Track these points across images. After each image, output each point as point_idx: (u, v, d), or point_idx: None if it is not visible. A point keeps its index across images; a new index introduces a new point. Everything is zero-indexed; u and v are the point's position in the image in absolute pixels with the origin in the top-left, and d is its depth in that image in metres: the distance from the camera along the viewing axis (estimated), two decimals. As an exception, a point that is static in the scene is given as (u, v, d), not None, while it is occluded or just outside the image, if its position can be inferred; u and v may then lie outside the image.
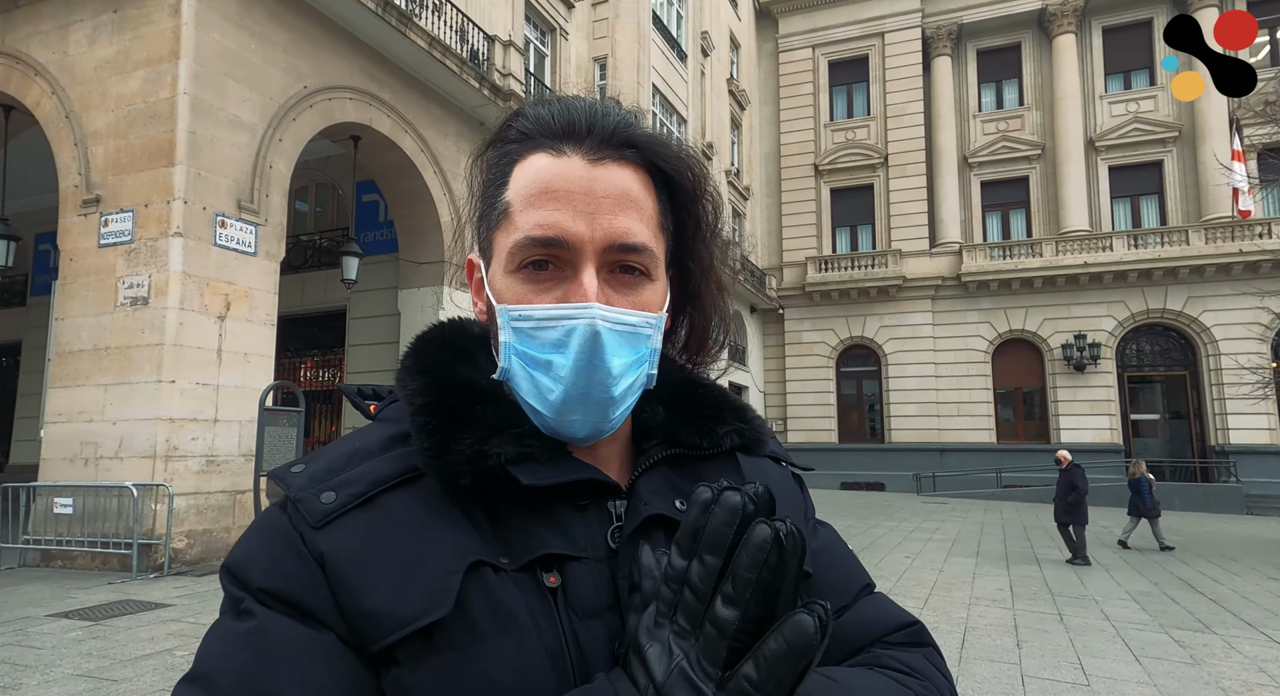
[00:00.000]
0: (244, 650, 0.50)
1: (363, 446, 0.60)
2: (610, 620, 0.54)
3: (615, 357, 0.56)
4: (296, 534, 0.54)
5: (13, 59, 8.81)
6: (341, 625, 0.51)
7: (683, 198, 0.63)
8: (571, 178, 0.57)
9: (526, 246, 0.56)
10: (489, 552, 0.54)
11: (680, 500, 0.61)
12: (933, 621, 6.00)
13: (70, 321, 8.01)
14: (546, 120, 0.60)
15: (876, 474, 24.27)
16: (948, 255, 24.61)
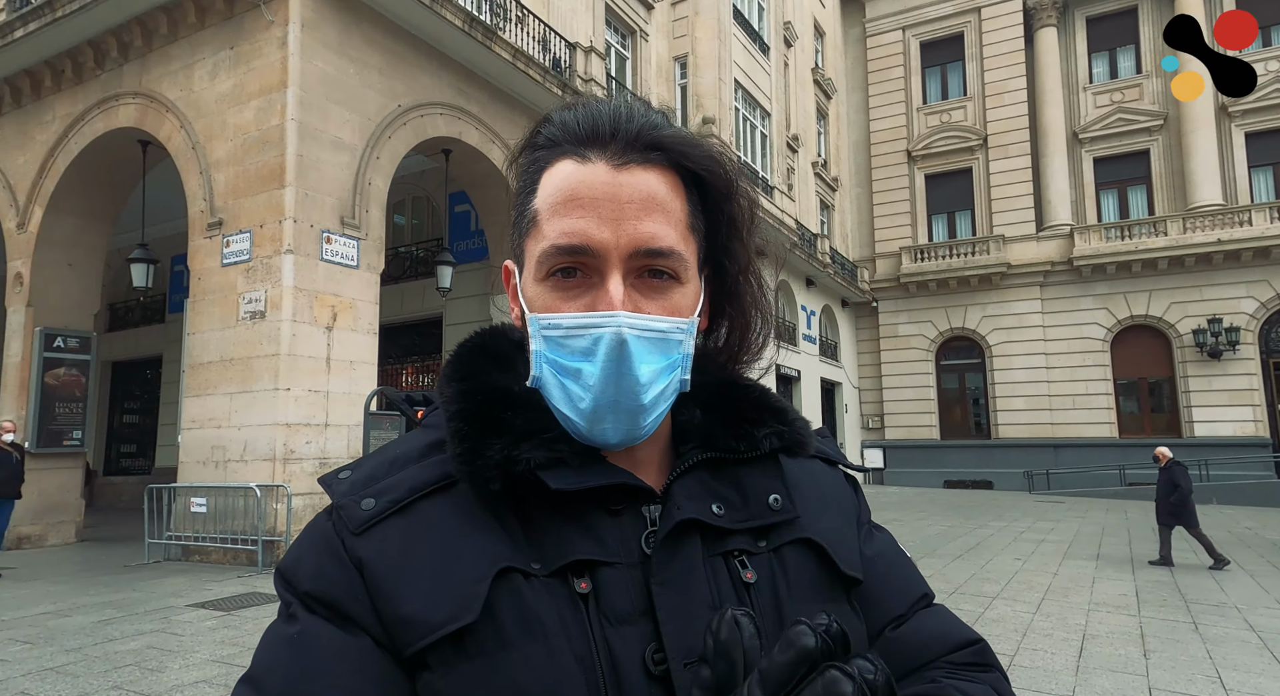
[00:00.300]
0: (288, 655, 0.53)
1: (403, 453, 0.61)
2: (643, 626, 0.54)
3: (643, 365, 0.56)
4: (339, 540, 0.56)
5: (148, 98, 9.70)
6: (379, 629, 0.53)
7: (715, 196, 0.62)
8: (596, 184, 0.57)
9: (553, 255, 0.57)
10: (520, 559, 0.54)
11: (717, 504, 0.60)
12: (1046, 628, 5.64)
13: (200, 335, 8.74)
14: (572, 126, 0.60)
15: (983, 471, 23.07)
16: (1057, 238, 23.10)
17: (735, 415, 0.65)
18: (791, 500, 0.63)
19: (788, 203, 19.39)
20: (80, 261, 10.99)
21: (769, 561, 0.60)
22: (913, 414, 24.70)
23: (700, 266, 0.63)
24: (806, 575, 0.61)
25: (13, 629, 5.61)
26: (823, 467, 0.70)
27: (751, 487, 0.62)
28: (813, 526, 0.63)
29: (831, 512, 0.67)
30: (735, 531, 0.60)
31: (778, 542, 0.61)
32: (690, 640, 0.53)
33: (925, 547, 9.81)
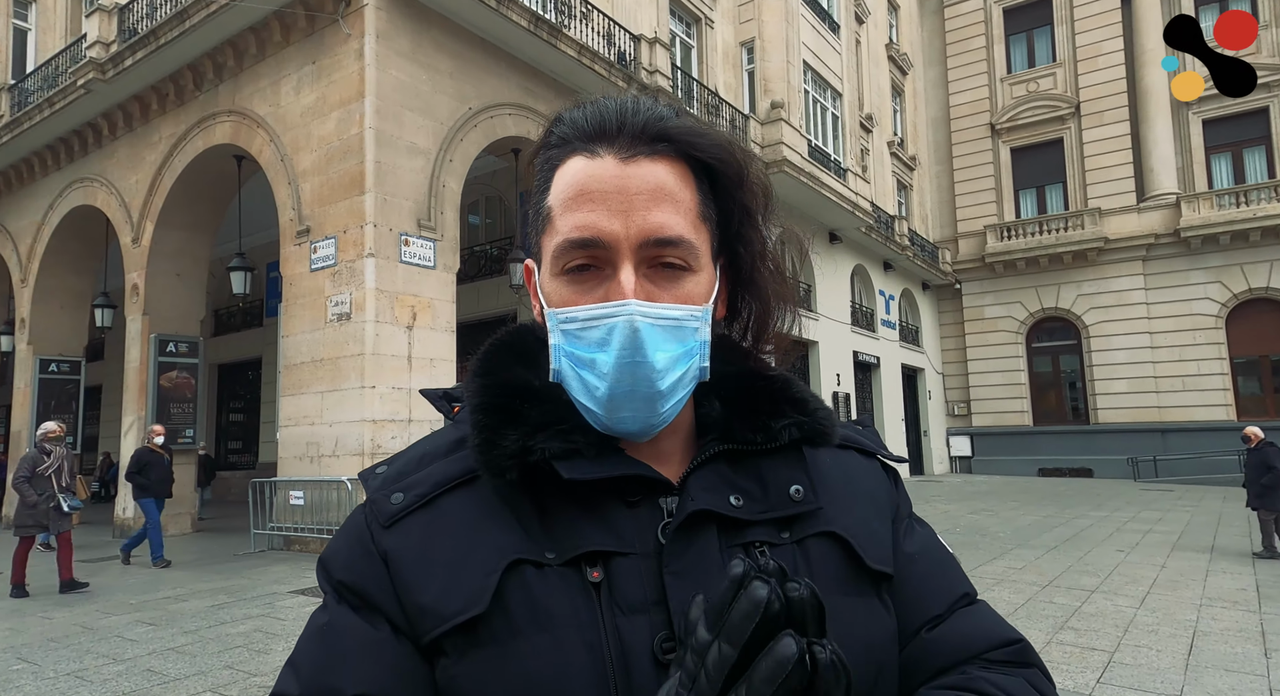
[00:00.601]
0: (318, 644, 0.57)
1: (431, 449, 0.64)
2: (654, 615, 0.55)
3: (658, 352, 0.57)
4: (369, 533, 0.60)
5: (240, 115, 10.31)
6: (401, 617, 0.57)
7: (726, 184, 0.63)
8: (604, 178, 0.58)
9: (566, 249, 0.58)
10: (533, 550, 0.56)
11: (735, 496, 0.60)
12: (1151, 623, 5.30)
13: (292, 338, 9.25)
14: (580, 123, 0.61)
15: (1082, 458, 21.82)
16: (1161, 209, 21.54)
17: (754, 406, 0.65)
18: (815, 491, 0.63)
19: (862, 185, 18.81)
20: (187, 271, 11.82)
21: (792, 552, 0.60)
22: (1002, 399, 23.60)
23: (715, 255, 0.63)
24: (831, 567, 0.60)
25: (140, 611, 6.12)
26: (857, 459, 0.70)
27: (772, 479, 0.62)
28: (838, 519, 0.63)
29: (861, 505, 0.65)
30: (755, 522, 0.60)
31: (802, 534, 0.61)
32: None
33: (1017, 538, 9.38)
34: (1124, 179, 22.32)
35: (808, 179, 16.01)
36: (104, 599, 6.69)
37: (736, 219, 0.64)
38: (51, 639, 5.31)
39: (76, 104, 11.64)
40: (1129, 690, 3.96)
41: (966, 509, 12.96)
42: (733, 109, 15.12)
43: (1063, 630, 5.14)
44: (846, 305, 20.01)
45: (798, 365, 18.10)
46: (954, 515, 12.02)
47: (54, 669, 4.59)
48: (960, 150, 25.25)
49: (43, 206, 13.42)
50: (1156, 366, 21.29)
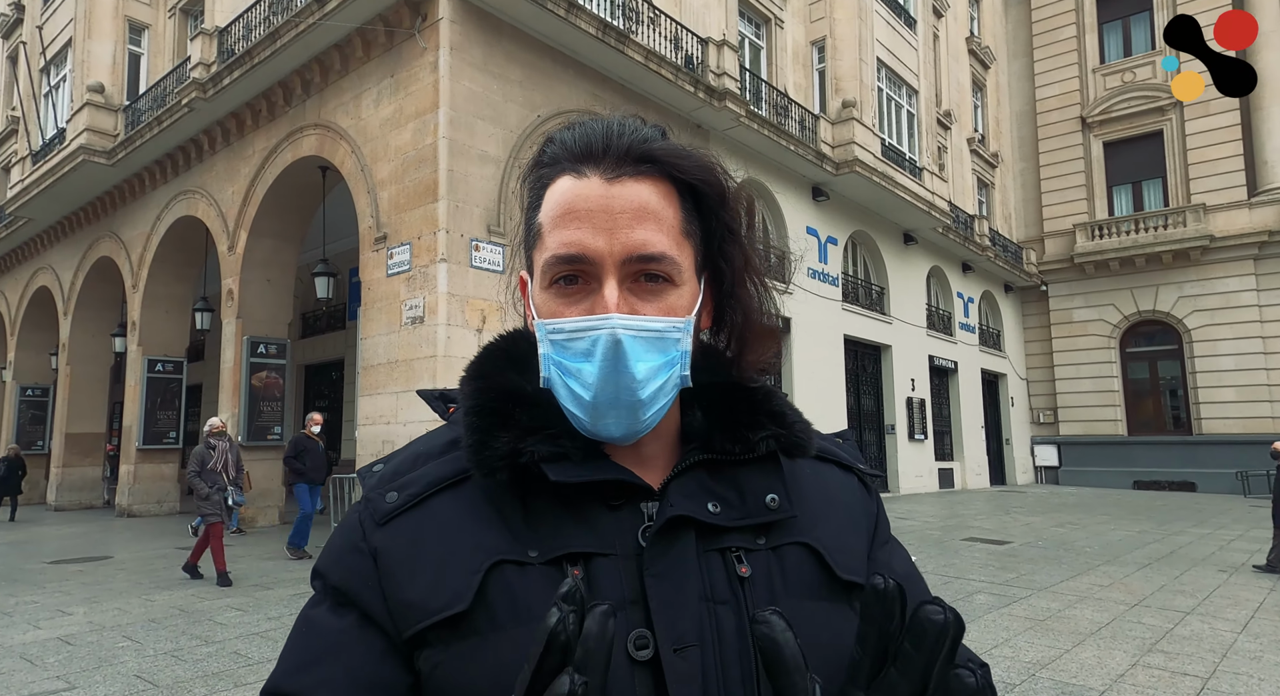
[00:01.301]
0: (298, 642, 0.61)
1: (426, 449, 0.68)
2: (631, 614, 0.57)
3: (639, 362, 0.60)
4: (361, 531, 0.63)
5: (325, 128, 10.86)
6: (384, 612, 0.60)
7: (709, 203, 0.66)
8: (590, 197, 0.61)
9: (554, 264, 0.61)
10: (516, 550, 0.59)
11: (713, 503, 0.63)
12: (1254, 650, 4.91)
13: (370, 340, 9.66)
14: (569, 144, 0.64)
15: (1183, 471, 20.41)
16: (1277, 204, 19.95)
17: (733, 418, 0.67)
18: (790, 500, 0.65)
19: (939, 184, 18.18)
20: (276, 277, 12.52)
21: (767, 558, 0.63)
22: (1093, 407, 22.34)
23: (700, 269, 0.66)
24: (805, 575, 0.63)
25: (230, 597, 6.52)
26: (836, 473, 0.73)
27: (749, 487, 0.65)
28: (811, 530, 0.66)
29: (836, 517, 0.69)
30: (732, 529, 0.62)
31: (778, 542, 0.64)
32: (680, 628, 0.57)
33: (1106, 554, 8.86)
34: (1234, 173, 20.80)
35: (880, 179, 15.60)
36: (199, 584, 7.15)
37: (719, 236, 0.67)
38: (152, 619, 5.72)
39: (181, 121, 12.52)
40: (1223, 720, 3.69)
41: (1051, 521, 12.32)
42: (802, 109, 14.89)
43: (1151, 653, 4.82)
44: (922, 308, 19.36)
45: (870, 369, 17.72)
46: (1037, 527, 11.45)
47: (153, 647, 4.94)
48: (1047, 145, 24.08)
49: (151, 217, 14.48)
50: (1270, 373, 19.73)
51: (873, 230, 17.37)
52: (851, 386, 16.70)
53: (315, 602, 0.64)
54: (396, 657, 0.59)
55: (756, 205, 0.72)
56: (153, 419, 14.37)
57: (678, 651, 0.56)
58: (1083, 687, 4.13)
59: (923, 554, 8.80)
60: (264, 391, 11.97)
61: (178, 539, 10.50)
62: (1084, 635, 5.22)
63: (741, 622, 0.59)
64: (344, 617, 0.61)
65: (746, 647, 0.58)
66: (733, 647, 0.58)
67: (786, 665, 0.45)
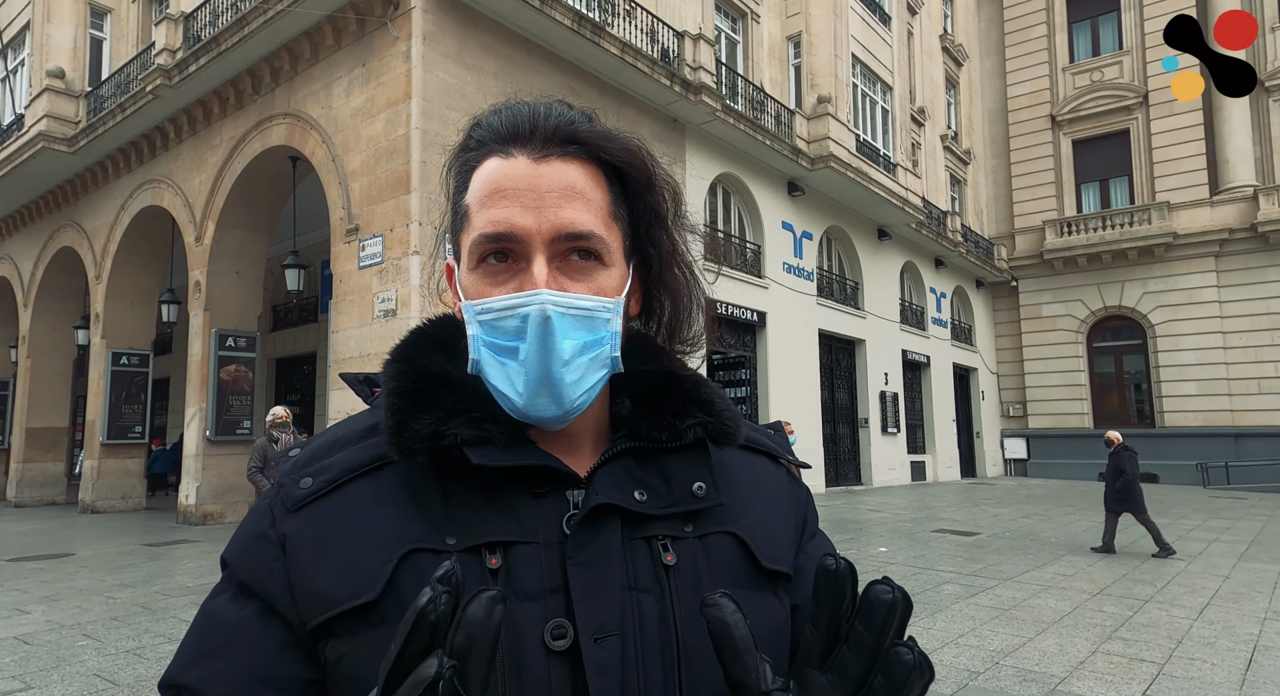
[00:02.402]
0: (196, 633, 0.60)
1: (344, 435, 0.66)
2: (550, 603, 0.57)
3: (567, 340, 0.59)
4: (270, 517, 0.61)
5: (295, 117, 10.67)
6: (289, 601, 0.58)
7: (635, 188, 0.65)
8: (518, 176, 0.60)
9: (481, 243, 0.60)
10: (432, 538, 0.58)
11: (640, 491, 0.62)
12: (1208, 636, 5.06)
13: (342, 333, 9.54)
14: (496, 126, 0.64)
15: (1146, 463, 20.58)
16: (1237, 202, 20.50)
17: (661, 406, 0.67)
18: (717, 488, 0.65)
19: (912, 180, 18.37)
20: (245, 269, 12.30)
21: (694, 546, 0.62)
22: (1061, 400, 22.80)
23: (629, 254, 0.66)
24: (731, 563, 0.63)
25: (196, 594, 6.41)
26: (766, 464, 0.72)
27: (676, 475, 0.64)
28: (738, 519, 0.66)
29: (762, 506, 0.68)
30: (658, 517, 0.62)
31: (704, 530, 0.64)
32: (601, 617, 0.56)
33: (1070, 544, 9.06)
34: (1195, 171, 21.29)
35: (855, 175, 15.72)
36: (164, 581, 7.02)
37: (646, 220, 0.66)
38: (114, 618, 5.61)
39: (146, 109, 12.22)
40: (1177, 704, 3.79)
41: (1018, 513, 12.56)
42: (778, 104, 14.94)
43: (1110, 640, 4.94)
44: (895, 303, 19.58)
45: (844, 363, 17.90)
46: (1004, 518, 11.66)
47: (115, 646, 4.85)
48: (1018, 143, 24.45)
49: (115, 207, 14.13)
50: (1230, 367, 20.27)
51: (847, 225, 17.51)
52: (826, 380, 16.85)
53: (218, 592, 0.62)
54: (298, 650, 0.58)
55: (682, 193, 0.71)
56: (117, 413, 14.07)
57: (598, 640, 0.55)
58: (1044, 674, 4.23)
59: (894, 545, 8.93)
60: (233, 385, 11.77)
61: (143, 535, 10.31)
62: (1047, 623, 5.34)
63: (665, 611, 0.59)
64: (244, 608, 0.59)
65: (669, 636, 0.58)
66: (654, 636, 0.58)
67: (737, 646, 0.46)
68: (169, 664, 0.59)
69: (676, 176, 0.60)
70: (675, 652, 0.57)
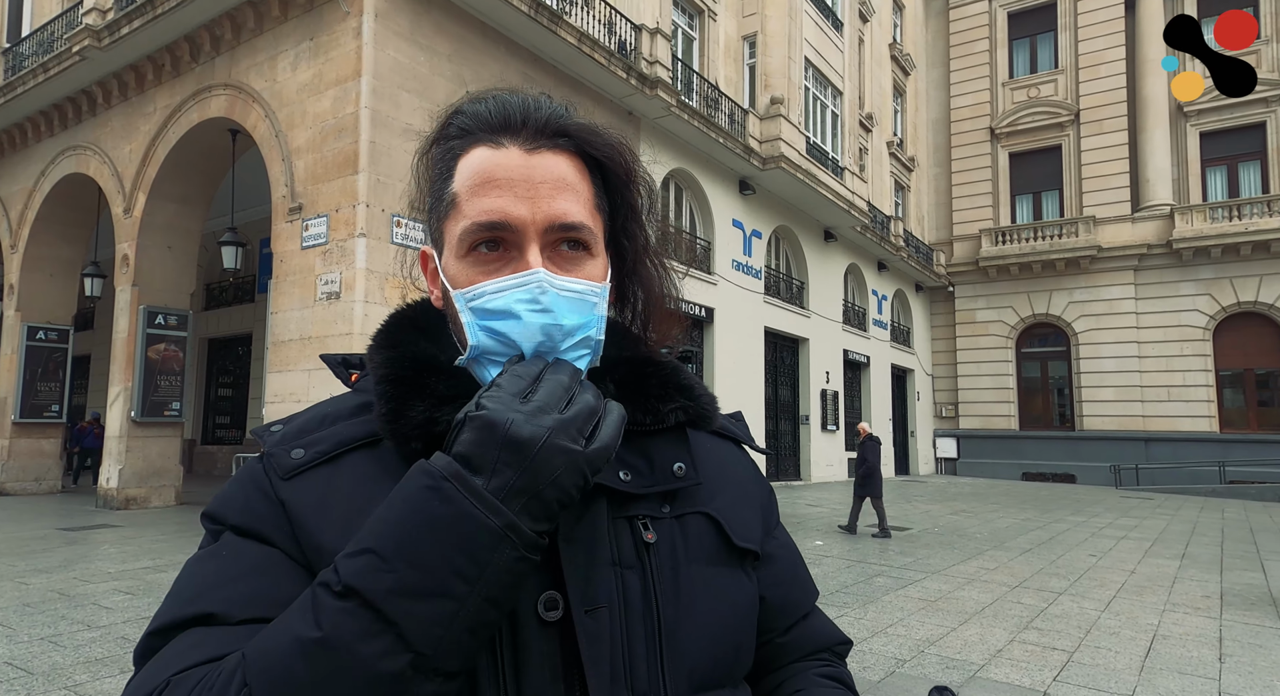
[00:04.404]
0: (210, 565, 0.59)
1: (334, 411, 0.67)
2: (541, 578, 0.59)
3: (564, 318, 0.61)
4: (268, 481, 0.62)
5: (236, 89, 10.25)
6: (297, 550, 0.59)
7: (615, 182, 0.68)
8: (511, 167, 0.62)
9: (474, 231, 0.61)
10: None
11: (624, 471, 0.65)
12: (1114, 626, 5.40)
13: (281, 314, 9.25)
14: (484, 116, 0.64)
15: (1065, 464, 22.05)
16: (1155, 219, 21.68)
17: (644, 391, 0.70)
18: (696, 469, 0.69)
19: (859, 184, 18.83)
20: (178, 244, 11.78)
21: (671, 526, 0.66)
22: (990, 403, 23.78)
23: (608, 245, 0.68)
24: (706, 542, 0.67)
25: (118, 581, 6.15)
26: (733, 449, 0.77)
27: (658, 456, 0.67)
28: (712, 501, 0.70)
29: (732, 489, 0.73)
30: (641, 496, 0.65)
31: (681, 511, 0.67)
32: (591, 592, 0.59)
33: (994, 540, 9.50)
34: (1119, 188, 22.44)
35: (804, 176, 16.02)
36: (82, 566, 6.72)
37: (623, 214, 0.69)
38: (27, 604, 5.34)
39: (71, 71, 11.55)
40: (1083, 689, 4.05)
41: (948, 509, 13.08)
42: (732, 103, 15.10)
43: (1026, 629, 5.23)
44: (839, 303, 20.07)
45: (788, 361, 18.26)
46: (934, 515, 12.13)
47: (28, 633, 4.63)
48: (959, 153, 25.31)
49: (35, 173, 13.33)
50: (1143, 376, 21.48)
51: (795, 226, 17.84)
52: (770, 377, 17.17)
53: (212, 540, 0.61)
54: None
55: (656, 190, 0.75)
56: (32, 390, 13.31)
57: (589, 612, 0.58)
58: (965, 662, 4.45)
59: (830, 539, 9.21)
60: (162, 365, 11.28)
61: (59, 519, 9.81)
62: (969, 614, 5.61)
63: (647, 586, 0.61)
64: (259, 547, 0.59)
65: (650, 609, 0.61)
66: (637, 610, 0.61)
67: None
68: (161, 608, 0.58)
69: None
70: (656, 626, 0.61)
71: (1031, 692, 3.96)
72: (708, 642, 0.63)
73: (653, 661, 0.60)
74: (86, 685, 3.75)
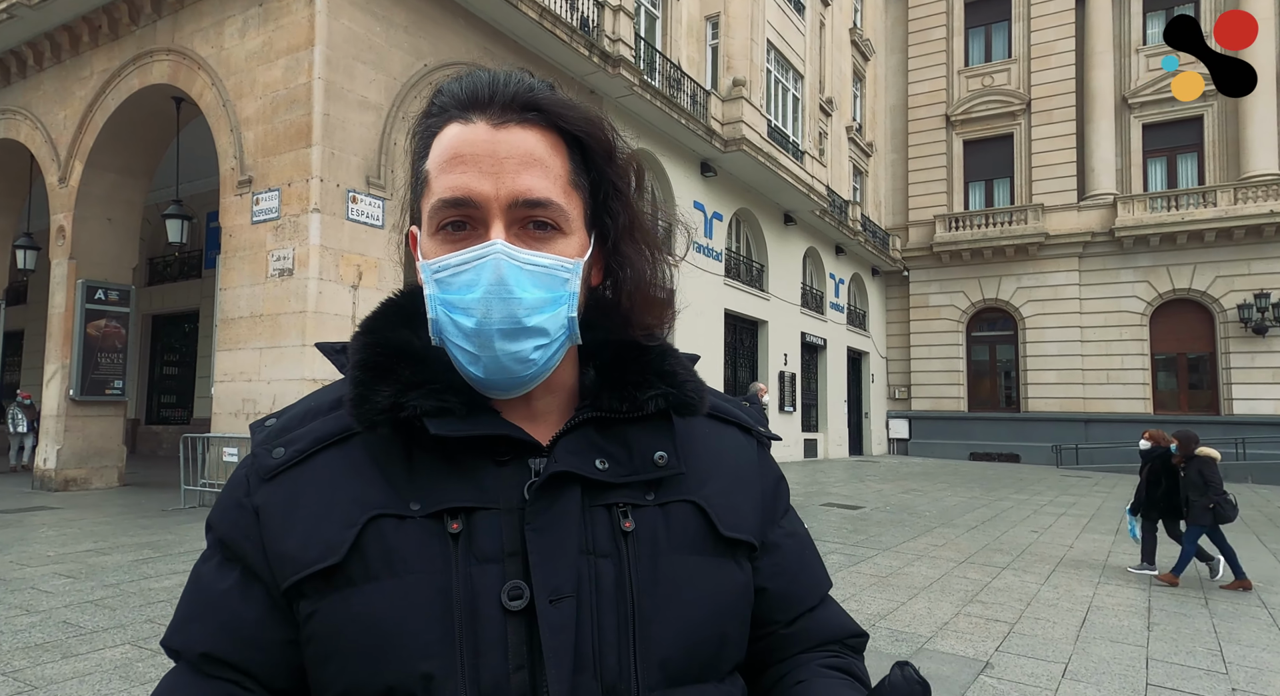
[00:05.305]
0: (187, 598, 0.64)
1: (315, 406, 0.68)
2: (509, 565, 0.59)
3: (523, 291, 0.60)
4: (246, 486, 0.64)
5: (180, 55, 9.81)
6: (264, 564, 0.61)
7: (595, 159, 0.66)
8: (477, 142, 0.61)
9: (440, 208, 0.61)
10: (396, 504, 0.60)
11: (601, 459, 0.64)
12: (1052, 598, 5.66)
13: (231, 291, 8.97)
14: (456, 93, 0.64)
15: (1011, 444, 22.84)
16: (1099, 208, 22.40)
17: (622, 377, 0.68)
18: (679, 457, 0.67)
19: (818, 168, 19.01)
20: (119, 216, 11.29)
21: (654, 513, 0.65)
22: (941, 385, 24.44)
23: (589, 225, 0.67)
24: (690, 530, 0.66)
25: (58, 564, 5.95)
26: (736, 435, 0.75)
27: (638, 445, 0.66)
28: (699, 489, 0.68)
29: (725, 476, 0.70)
30: (619, 485, 0.64)
31: (666, 498, 0.66)
32: (556, 580, 0.59)
33: (942, 518, 9.82)
34: (1067, 177, 23.09)
35: (765, 159, 16.10)
36: (19, 549, 6.47)
37: (604, 192, 0.67)
38: (-38, 589, 5.14)
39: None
40: (1024, 657, 4.25)
41: (899, 488, 13.46)
42: (694, 83, 15.05)
43: (971, 603, 5.45)
44: (797, 286, 20.32)
45: (747, 343, 18.46)
46: (886, 493, 12.48)
47: (-37, 619, 4.46)
48: (916, 140, 25.69)
49: (-40, 138, 12.59)
50: (1085, 359, 22.30)
51: (756, 208, 17.95)
52: (729, 359, 17.35)
53: (206, 557, 0.65)
54: (277, 613, 0.61)
55: (646, 172, 0.73)
56: (-39, 369, 12.69)
57: (553, 602, 0.58)
58: (913, 634, 4.62)
59: (784, 517, 9.40)
60: (102, 341, 10.85)
61: None
62: (918, 589, 5.81)
63: (621, 574, 0.61)
64: (228, 575, 0.63)
65: (624, 598, 0.60)
66: (610, 599, 0.60)
67: None
68: (166, 628, 0.65)
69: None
70: (630, 613, 0.60)
71: (975, 662, 4.13)
72: (684, 633, 0.62)
73: (625, 651, 0.59)
74: (26, 670, 3.64)
